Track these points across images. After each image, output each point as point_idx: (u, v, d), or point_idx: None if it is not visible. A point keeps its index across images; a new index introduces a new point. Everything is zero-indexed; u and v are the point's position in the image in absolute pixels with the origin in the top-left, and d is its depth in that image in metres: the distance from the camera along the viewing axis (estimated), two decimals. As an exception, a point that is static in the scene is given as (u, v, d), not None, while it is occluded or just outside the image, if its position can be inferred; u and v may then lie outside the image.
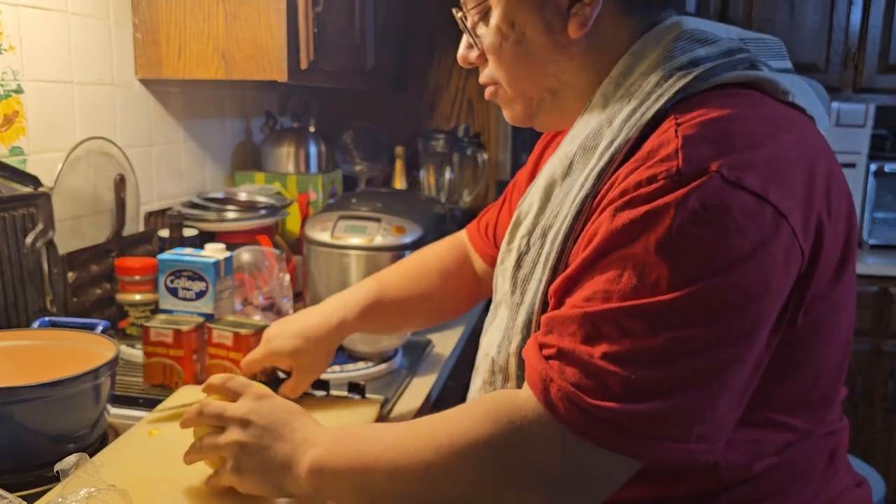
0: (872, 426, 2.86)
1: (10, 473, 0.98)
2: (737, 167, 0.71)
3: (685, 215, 0.70)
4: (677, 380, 0.71)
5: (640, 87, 0.82)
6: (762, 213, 0.71)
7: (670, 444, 0.72)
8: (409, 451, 0.80)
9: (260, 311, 1.74)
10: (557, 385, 0.73)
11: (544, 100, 0.92)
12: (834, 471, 0.89)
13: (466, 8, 0.93)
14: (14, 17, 1.46)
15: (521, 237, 0.90)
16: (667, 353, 0.71)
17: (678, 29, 0.85)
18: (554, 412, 0.74)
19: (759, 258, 0.71)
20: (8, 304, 1.34)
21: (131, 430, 1.10)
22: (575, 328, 0.74)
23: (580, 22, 0.85)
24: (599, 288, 0.74)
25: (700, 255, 0.70)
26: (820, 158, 0.79)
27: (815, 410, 0.84)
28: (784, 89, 0.83)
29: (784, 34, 3.00)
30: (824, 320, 0.80)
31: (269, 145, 2.41)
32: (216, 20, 1.80)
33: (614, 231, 0.74)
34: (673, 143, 0.73)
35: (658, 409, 0.71)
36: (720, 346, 0.71)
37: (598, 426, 0.72)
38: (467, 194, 2.63)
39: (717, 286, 0.70)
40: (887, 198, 3.05)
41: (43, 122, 1.55)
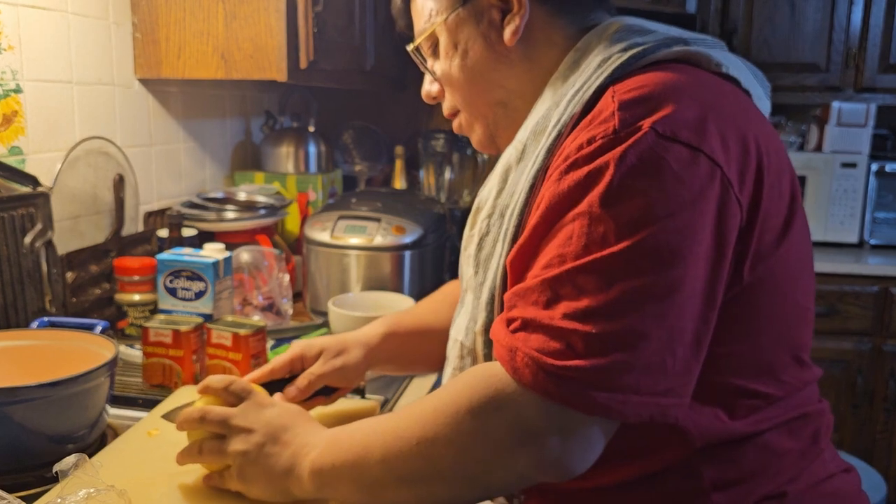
0: (873, 426, 2.85)
1: (8, 474, 0.98)
2: (670, 122, 0.75)
3: (624, 170, 0.74)
4: (636, 328, 0.73)
5: (584, 72, 0.88)
6: (697, 162, 0.75)
7: (639, 397, 0.73)
8: (397, 432, 0.82)
9: (259, 311, 1.74)
10: (522, 352, 0.75)
11: (498, 115, 0.99)
12: (817, 453, 0.90)
13: (420, 45, 1.02)
14: (13, 16, 1.46)
15: (482, 221, 0.94)
16: (623, 304, 0.73)
17: (618, 25, 0.92)
18: (522, 380, 0.75)
19: (699, 205, 0.74)
20: (7, 304, 1.34)
21: (130, 431, 1.10)
22: (536, 296, 0.77)
23: (513, 31, 0.93)
24: (554, 253, 0.77)
25: (641, 204, 0.74)
26: (753, 121, 0.83)
27: (779, 377, 0.86)
28: (717, 62, 0.88)
29: (785, 34, 3.00)
30: (774, 281, 0.83)
31: (269, 145, 2.41)
32: (216, 20, 1.79)
33: (560, 194, 0.78)
34: (610, 107, 0.78)
35: (622, 361, 0.73)
36: (672, 292, 0.74)
37: (565, 387, 0.73)
38: (467, 194, 2.63)
39: (660, 232, 0.73)
40: (888, 198, 3.04)
41: (42, 122, 1.55)
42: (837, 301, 2.81)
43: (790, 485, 0.86)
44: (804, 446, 0.88)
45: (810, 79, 3.01)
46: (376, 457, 0.82)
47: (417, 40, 1.02)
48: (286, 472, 0.88)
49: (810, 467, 0.89)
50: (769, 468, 0.85)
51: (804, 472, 0.88)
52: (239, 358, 1.29)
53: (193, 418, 0.94)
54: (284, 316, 1.78)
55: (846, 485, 0.93)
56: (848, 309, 2.82)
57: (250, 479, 0.90)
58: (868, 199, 3.04)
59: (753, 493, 0.84)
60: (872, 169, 3.02)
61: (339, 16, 2.03)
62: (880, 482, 2.47)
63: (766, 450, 0.85)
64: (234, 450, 0.90)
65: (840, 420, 2.85)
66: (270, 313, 1.75)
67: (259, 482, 0.89)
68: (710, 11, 3.00)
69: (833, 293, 2.80)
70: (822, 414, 0.92)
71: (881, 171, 3.02)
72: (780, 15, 2.99)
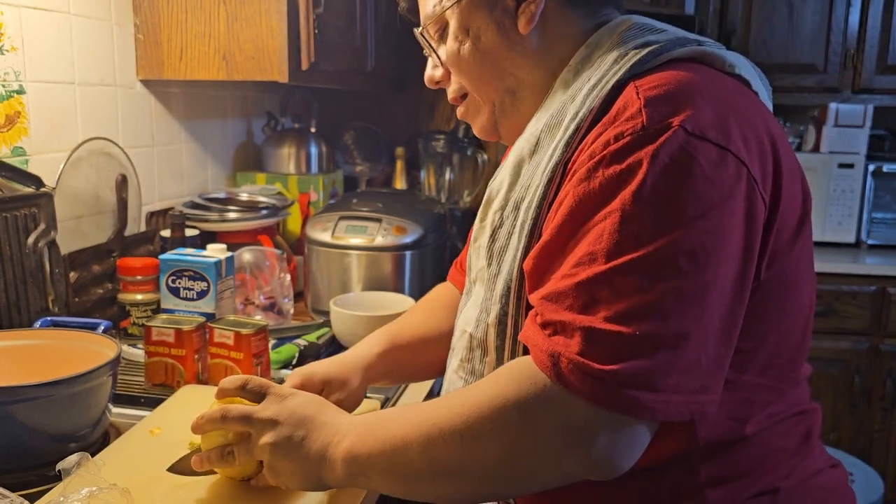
0: (871, 425, 2.86)
1: (11, 473, 0.99)
2: (698, 121, 0.76)
3: (657, 169, 0.74)
4: (678, 329, 0.73)
5: (600, 67, 0.88)
6: (725, 161, 0.75)
7: (680, 397, 0.74)
8: (439, 425, 0.80)
9: (261, 310, 1.75)
10: (566, 358, 0.74)
11: (504, 102, 0.98)
12: (808, 450, 0.91)
13: (426, 28, 1.00)
14: (16, 18, 1.47)
15: (494, 212, 0.94)
16: (663, 305, 0.73)
17: (629, 22, 0.92)
18: (568, 386, 0.74)
19: (728, 203, 0.75)
20: (10, 303, 1.35)
21: (133, 430, 1.11)
22: (570, 301, 0.76)
23: (528, 18, 0.92)
24: (584, 251, 0.76)
25: (675, 204, 0.74)
26: (769, 123, 0.84)
27: (784, 374, 0.88)
28: (730, 62, 0.89)
29: (783, 35, 3.01)
30: (787, 280, 0.84)
31: (271, 146, 2.42)
32: (217, 21, 1.80)
33: (590, 192, 0.77)
34: (636, 103, 0.78)
35: (666, 362, 0.73)
36: (707, 292, 0.74)
37: (612, 390, 0.73)
38: (467, 194, 2.63)
39: (693, 232, 0.73)
40: (885, 198, 3.05)
41: (45, 123, 1.56)
42: (835, 301, 2.82)
43: (783, 481, 0.87)
44: (797, 444, 0.90)
45: (808, 80, 3.02)
46: (416, 448, 0.81)
47: (426, 23, 1.00)
48: (318, 460, 0.86)
49: (802, 464, 0.90)
50: (764, 465, 0.86)
51: (796, 469, 0.89)
52: (241, 357, 1.30)
53: (214, 418, 0.92)
54: (286, 315, 1.78)
55: (834, 480, 0.94)
56: (846, 309, 2.83)
57: (281, 470, 0.88)
58: (865, 199, 3.05)
59: (747, 489, 0.86)
60: (870, 169, 3.03)
61: (339, 17, 2.04)
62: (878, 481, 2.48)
63: (762, 447, 0.86)
64: (263, 443, 0.88)
65: (838, 419, 2.86)
66: (272, 313, 1.76)
67: (291, 473, 0.88)
68: (709, 12, 3.01)
69: (831, 293, 2.81)
70: (815, 412, 0.94)
71: (878, 171, 3.03)
72: (779, 16, 3.00)
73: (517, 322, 0.88)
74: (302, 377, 1.07)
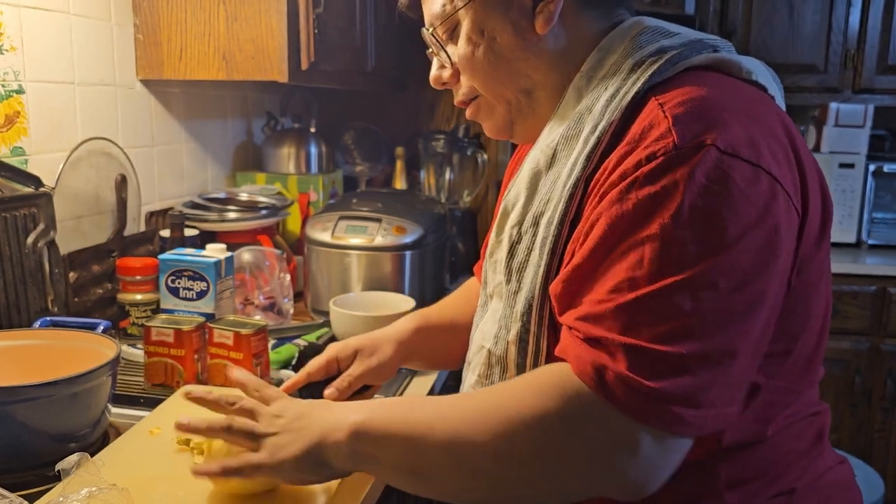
0: (871, 425, 2.86)
1: (11, 473, 0.99)
2: (730, 139, 0.75)
3: (694, 189, 0.73)
4: (725, 348, 0.73)
5: (615, 75, 0.86)
6: (759, 179, 0.75)
7: (715, 411, 0.74)
8: (470, 421, 0.78)
9: (261, 310, 1.74)
10: (612, 371, 0.73)
11: (520, 102, 0.96)
12: (820, 450, 0.93)
13: (434, 27, 0.97)
14: (16, 17, 1.47)
15: (511, 227, 0.92)
16: (708, 324, 0.73)
17: (641, 25, 0.91)
18: (613, 400, 0.73)
19: (767, 220, 0.74)
20: (9, 303, 1.35)
21: (132, 430, 1.11)
22: (610, 323, 0.75)
23: (546, 18, 0.90)
24: (623, 277, 0.75)
25: (714, 226, 0.73)
26: (789, 128, 0.84)
27: (805, 377, 0.89)
28: (747, 69, 0.89)
29: (783, 35, 3.01)
30: (813, 284, 0.85)
31: (270, 146, 2.42)
32: (217, 21, 1.80)
33: (623, 215, 0.76)
34: (664, 122, 0.76)
35: (711, 379, 0.73)
36: (748, 310, 0.74)
37: (658, 407, 0.72)
38: (467, 195, 2.63)
39: (735, 253, 0.73)
40: (886, 198, 3.05)
41: (44, 123, 1.56)
42: (836, 301, 2.82)
43: (798, 481, 0.88)
44: (810, 444, 0.91)
45: (808, 80, 3.02)
46: (440, 440, 0.79)
47: (435, 22, 0.97)
48: (322, 436, 0.83)
49: (814, 464, 0.91)
50: (779, 466, 0.87)
51: (809, 469, 0.90)
52: (240, 357, 1.30)
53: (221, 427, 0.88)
54: (286, 315, 1.78)
55: (842, 476, 0.95)
56: (846, 309, 2.83)
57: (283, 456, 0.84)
58: (866, 199, 3.05)
59: (765, 490, 0.86)
60: (870, 169, 3.03)
61: (339, 17, 2.04)
62: (878, 481, 2.48)
63: (778, 448, 0.87)
64: (266, 430, 0.86)
65: (838, 419, 2.86)
66: (272, 313, 1.76)
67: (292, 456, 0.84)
68: (709, 13, 3.01)
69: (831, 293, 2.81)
70: (825, 412, 0.95)
71: (879, 171, 3.03)
72: (779, 16, 3.00)
73: (538, 340, 0.87)
74: (337, 348, 1.12)
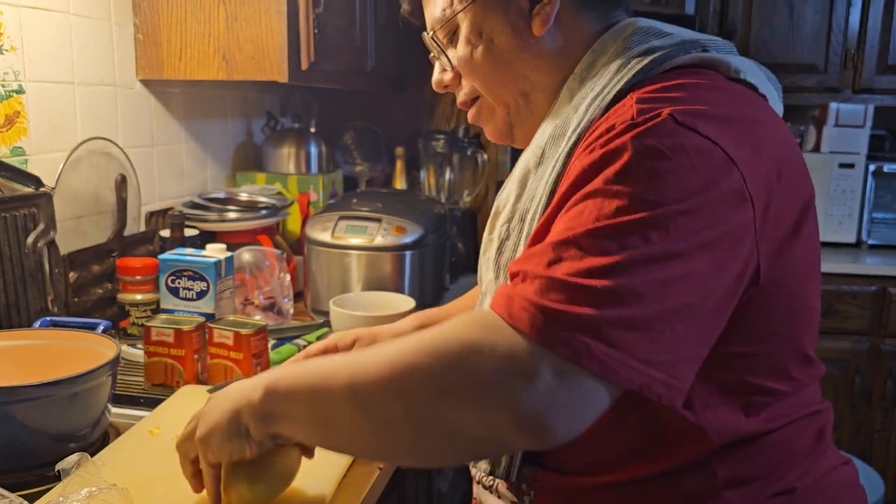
0: (871, 425, 2.86)
1: (11, 473, 0.99)
2: (689, 114, 0.75)
3: (640, 150, 0.74)
4: (637, 289, 0.71)
5: (603, 76, 0.87)
6: (713, 154, 0.74)
7: (635, 362, 0.70)
8: (371, 361, 0.77)
9: (261, 310, 1.74)
10: (520, 297, 0.73)
11: (519, 105, 0.97)
12: (822, 449, 0.92)
13: (435, 31, 0.99)
14: (16, 17, 1.47)
15: (501, 225, 0.93)
16: (627, 266, 0.71)
17: (634, 26, 0.92)
18: (517, 324, 0.72)
19: (711, 191, 0.74)
20: (9, 303, 1.35)
21: (132, 430, 1.11)
22: (538, 259, 0.75)
23: (543, 20, 0.91)
24: (563, 226, 0.76)
25: (655, 185, 0.73)
26: (771, 128, 0.83)
27: (791, 375, 0.87)
28: (736, 68, 0.88)
29: (783, 35, 3.00)
30: (787, 281, 0.83)
31: (270, 146, 2.42)
32: (217, 21, 1.80)
33: (576, 177, 0.77)
34: (631, 106, 0.78)
35: (622, 316, 0.70)
36: (675, 263, 0.72)
37: (563, 331, 0.70)
38: (467, 195, 2.63)
39: (670, 213, 0.72)
40: (886, 198, 3.05)
41: (44, 123, 1.56)
42: (836, 301, 2.82)
43: (799, 481, 0.87)
44: (811, 443, 0.90)
45: (808, 80, 3.02)
46: (342, 381, 0.77)
47: (436, 27, 0.99)
48: (238, 401, 0.85)
49: (817, 463, 0.90)
50: (780, 466, 0.87)
51: (811, 469, 0.89)
52: (240, 357, 1.30)
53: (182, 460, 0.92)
54: (286, 315, 1.78)
55: (845, 477, 0.94)
56: (846, 309, 2.83)
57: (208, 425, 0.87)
58: (866, 199, 3.05)
59: (765, 490, 0.86)
60: (870, 169, 3.03)
61: (339, 17, 2.04)
62: (878, 481, 2.48)
63: (778, 448, 0.86)
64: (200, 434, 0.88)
65: (838, 419, 2.86)
66: (272, 313, 1.76)
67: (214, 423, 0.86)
68: (709, 12, 3.01)
69: (831, 293, 2.81)
70: (827, 411, 0.94)
71: (879, 171, 3.03)
72: (779, 16, 3.00)
73: None
74: (337, 336, 1.15)
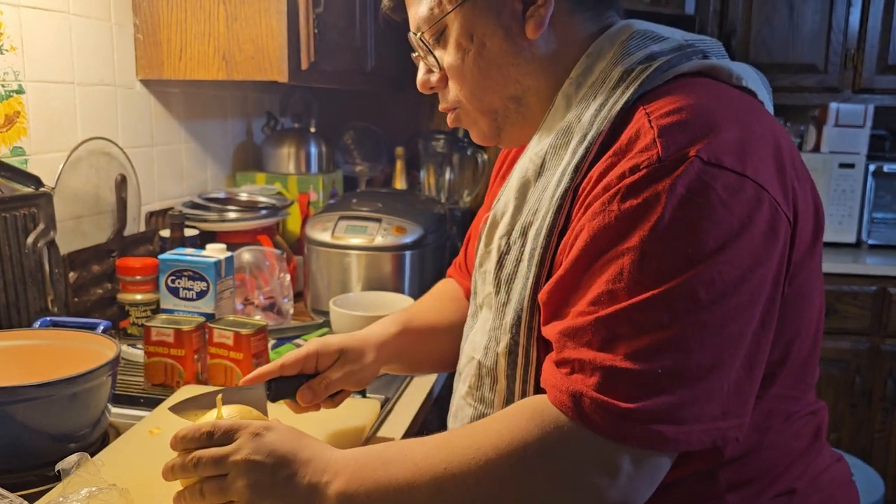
0: (871, 425, 2.86)
1: (11, 473, 0.99)
2: (714, 149, 0.74)
3: (675, 201, 0.73)
4: (699, 362, 0.73)
5: (604, 83, 0.86)
6: (743, 188, 0.74)
7: (701, 425, 0.73)
8: (452, 469, 0.77)
9: (260, 310, 1.74)
10: (588, 397, 0.73)
11: (509, 109, 0.95)
12: (819, 449, 0.92)
13: (421, 32, 0.95)
14: (15, 17, 1.47)
15: (500, 237, 0.91)
16: (684, 339, 0.72)
17: (630, 30, 0.90)
18: (591, 425, 0.74)
19: (749, 230, 0.74)
20: (9, 303, 1.35)
21: (132, 430, 1.11)
22: (589, 336, 0.75)
23: (536, 22, 0.89)
24: (603, 289, 0.75)
25: (694, 238, 0.73)
26: (780, 135, 0.83)
27: (804, 381, 0.88)
28: (737, 75, 0.88)
29: (783, 35, 3.00)
30: (806, 290, 0.83)
31: (270, 146, 2.42)
32: (217, 21, 1.80)
33: (606, 227, 0.76)
34: (649, 133, 0.76)
35: (689, 395, 0.72)
36: (730, 321, 0.73)
37: (637, 428, 0.72)
38: (467, 194, 2.63)
39: (715, 265, 0.72)
40: (886, 198, 3.05)
41: (44, 123, 1.56)
42: (836, 301, 2.82)
43: (798, 481, 0.88)
44: (808, 443, 0.91)
45: (808, 79, 3.02)
46: (425, 494, 0.78)
47: (423, 27, 0.95)
48: (307, 497, 0.81)
49: (813, 462, 0.91)
50: (779, 467, 0.87)
51: (809, 468, 0.90)
52: (240, 357, 1.30)
53: (187, 467, 0.85)
54: (286, 315, 1.78)
55: (839, 474, 0.95)
56: (846, 309, 2.83)
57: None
58: (866, 199, 3.05)
59: (765, 492, 0.86)
60: (870, 169, 3.03)
61: (339, 17, 2.04)
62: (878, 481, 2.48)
63: (778, 449, 0.87)
64: (241, 485, 0.82)
65: (838, 419, 2.86)
66: (272, 313, 1.76)
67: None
68: (709, 12, 3.01)
69: (831, 293, 2.81)
70: (822, 410, 0.94)
71: (879, 171, 3.03)
72: (779, 16, 3.00)
73: (528, 352, 0.87)
74: (319, 345, 1.06)
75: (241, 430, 0.85)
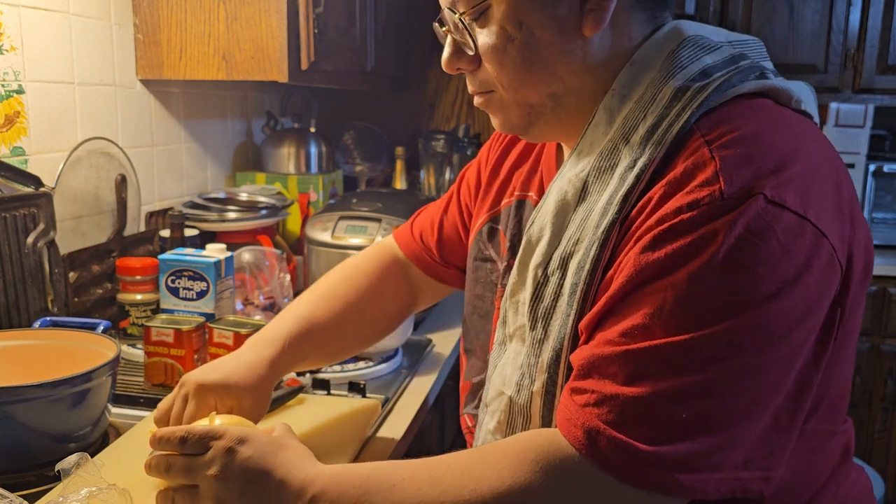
0: (871, 426, 2.86)
1: (11, 473, 0.99)
2: (778, 187, 0.69)
3: (731, 241, 0.68)
4: (729, 411, 0.69)
5: (655, 101, 0.79)
6: (804, 232, 0.70)
7: (721, 474, 0.70)
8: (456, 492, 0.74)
9: (260, 310, 1.74)
10: (606, 436, 0.70)
11: (546, 106, 0.87)
12: (848, 470, 0.88)
13: (458, 9, 0.85)
14: (15, 17, 1.47)
15: (536, 266, 0.84)
16: (718, 385, 0.68)
17: (680, 36, 0.83)
18: (604, 465, 0.70)
19: (804, 278, 0.69)
20: (9, 303, 1.35)
21: (132, 430, 1.11)
22: (615, 369, 0.71)
23: (596, 19, 0.80)
24: (639, 322, 0.70)
25: (746, 281, 0.68)
26: (839, 167, 0.78)
27: (838, 412, 0.84)
28: (796, 97, 0.83)
29: (783, 35, 3.00)
30: (852, 328, 0.79)
31: (270, 146, 2.42)
32: (217, 21, 1.80)
33: (656, 260, 0.71)
34: (710, 166, 0.71)
35: (713, 444, 0.69)
36: (769, 371, 0.69)
37: (656, 473, 0.69)
38: (467, 194, 2.63)
39: (764, 312, 0.68)
40: (886, 198, 3.05)
41: (44, 123, 1.56)
42: (836, 301, 2.82)
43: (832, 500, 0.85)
44: (839, 461, 0.87)
45: (808, 80, 2.96)
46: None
47: (462, 5, 0.84)
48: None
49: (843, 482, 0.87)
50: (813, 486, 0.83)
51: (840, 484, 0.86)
52: (240, 357, 1.30)
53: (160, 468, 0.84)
54: (285, 316, 1.78)
55: (863, 489, 0.91)
56: (846, 309, 2.83)
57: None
58: (866, 199, 3.05)
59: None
60: (870, 169, 3.03)
61: (339, 17, 2.04)
62: (878, 482, 2.48)
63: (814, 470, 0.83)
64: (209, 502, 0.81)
65: (838, 420, 2.86)
66: (272, 313, 1.76)
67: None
68: (709, 12, 3.01)
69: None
70: (850, 428, 0.90)
71: (879, 171, 3.03)
72: (779, 16, 3.00)
73: None
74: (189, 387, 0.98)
75: (214, 439, 0.82)
